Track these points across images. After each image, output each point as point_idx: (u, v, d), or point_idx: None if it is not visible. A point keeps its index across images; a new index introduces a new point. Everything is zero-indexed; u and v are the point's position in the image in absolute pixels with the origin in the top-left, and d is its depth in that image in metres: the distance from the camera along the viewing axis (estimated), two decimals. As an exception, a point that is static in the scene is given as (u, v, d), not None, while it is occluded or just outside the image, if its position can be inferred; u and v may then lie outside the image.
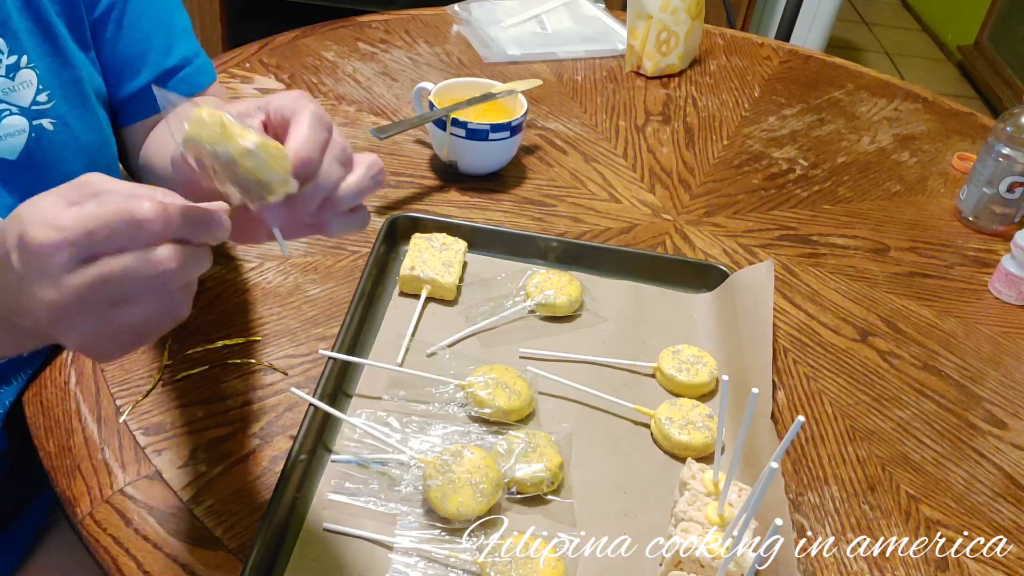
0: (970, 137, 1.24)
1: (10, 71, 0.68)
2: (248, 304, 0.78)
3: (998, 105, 3.16)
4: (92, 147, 0.75)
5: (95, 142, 0.76)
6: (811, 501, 0.68)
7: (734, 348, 0.78)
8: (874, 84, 1.36)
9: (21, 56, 0.68)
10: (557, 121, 1.15)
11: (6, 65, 0.68)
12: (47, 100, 0.70)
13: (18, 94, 0.69)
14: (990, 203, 1.02)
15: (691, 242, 0.95)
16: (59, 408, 0.68)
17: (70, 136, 0.73)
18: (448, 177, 1.00)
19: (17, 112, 0.69)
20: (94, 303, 0.44)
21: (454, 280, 0.80)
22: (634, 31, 1.27)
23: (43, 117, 0.70)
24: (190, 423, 0.67)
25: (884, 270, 0.95)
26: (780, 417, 0.75)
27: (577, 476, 0.67)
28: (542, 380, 0.73)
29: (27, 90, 0.69)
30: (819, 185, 1.09)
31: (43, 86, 0.70)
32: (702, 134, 1.17)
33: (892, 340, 0.86)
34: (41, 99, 0.70)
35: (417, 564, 0.59)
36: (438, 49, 1.28)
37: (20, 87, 0.69)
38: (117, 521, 0.60)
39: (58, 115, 0.71)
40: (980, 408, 0.79)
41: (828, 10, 2.73)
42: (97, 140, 0.76)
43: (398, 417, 0.68)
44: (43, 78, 0.70)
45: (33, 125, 0.70)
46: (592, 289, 0.84)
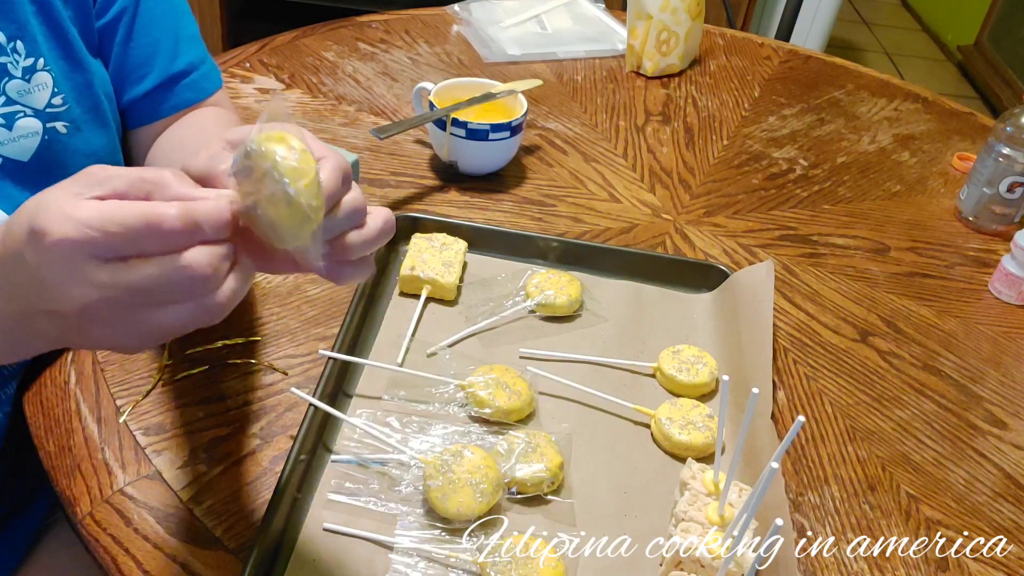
0: (970, 137, 1.24)
1: (26, 73, 0.68)
2: (248, 304, 0.78)
3: (998, 105, 3.16)
4: (103, 151, 0.75)
5: (106, 146, 0.76)
6: (811, 501, 0.68)
7: (734, 348, 0.77)
8: (874, 84, 1.36)
9: (38, 59, 0.69)
10: (557, 121, 1.15)
11: (23, 67, 0.68)
12: (62, 103, 0.71)
13: (33, 96, 0.69)
14: (990, 203, 1.02)
15: (691, 242, 0.95)
16: (59, 408, 0.68)
17: (82, 140, 0.73)
18: (448, 177, 1.00)
19: (31, 114, 0.69)
20: (127, 303, 0.43)
21: (454, 280, 0.80)
22: (634, 31, 1.27)
23: (57, 120, 0.71)
24: (190, 423, 0.67)
25: (884, 270, 0.95)
26: (780, 417, 0.75)
27: (577, 476, 0.67)
28: (542, 380, 0.73)
29: (42, 92, 0.69)
30: (819, 185, 1.09)
31: (58, 89, 0.70)
32: (702, 134, 1.17)
33: (892, 340, 0.86)
34: (56, 102, 0.70)
35: (417, 564, 0.59)
36: (438, 49, 1.28)
37: (36, 89, 0.69)
38: (117, 521, 0.60)
39: (71, 118, 0.72)
40: (980, 408, 0.79)
41: (828, 10, 2.73)
42: (108, 144, 0.76)
43: (398, 417, 0.68)
44: (58, 81, 0.70)
45: (47, 128, 0.70)
46: (592, 289, 0.84)
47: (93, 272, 0.42)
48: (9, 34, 0.67)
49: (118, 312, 0.43)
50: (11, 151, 0.68)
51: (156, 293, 0.43)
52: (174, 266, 0.42)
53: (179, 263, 0.42)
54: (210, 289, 0.44)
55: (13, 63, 0.67)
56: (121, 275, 0.42)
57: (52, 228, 0.42)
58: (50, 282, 0.43)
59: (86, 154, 0.73)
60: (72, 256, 0.42)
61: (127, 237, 0.42)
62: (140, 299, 0.43)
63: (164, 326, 0.44)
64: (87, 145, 0.73)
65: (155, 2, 0.79)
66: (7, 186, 0.69)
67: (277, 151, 0.43)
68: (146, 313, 0.44)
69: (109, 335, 0.45)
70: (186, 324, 0.45)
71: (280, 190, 0.43)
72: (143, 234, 0.42)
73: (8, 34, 0.67)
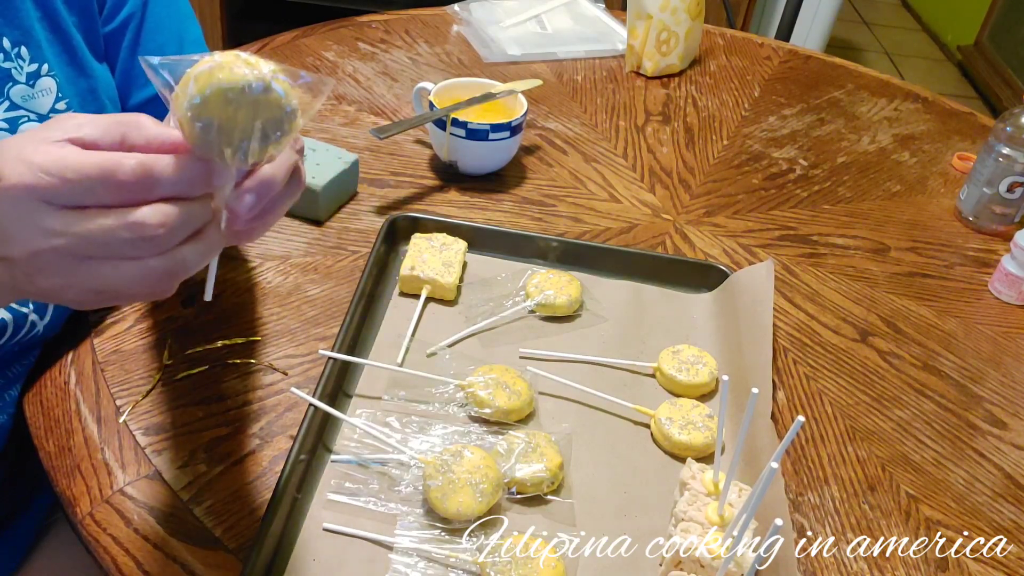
0: (970, 137, 1.24)
1: (31, 79, 0.68)
2: (248, 304, 0.78)
3: (998, 105, 3.16)
4: None
5: None
6: (811, 501, 0.68)
7: (734, 348, 0.77)
8: (874, 84, 1.36)
9: (42, 64, 0.69)
10: (557, 121, 1.15)
11: (27, 73, 0.68)
12: (66, 109, 0.71)
13: (37, 101, 0.69)
14: (990, 203, 1.02)
15: (691, 242, 0.95)
16: (59, 408, 0.68)
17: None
18: (448, 177, 1.00)
19: (35, 119, 0.69)
20: (74, 254, 0.43)
21: (454, 280, 0.80)
22: (634, 31, 1.27)
23: None
24: (190, 423, 0.67)
25: (884, 270, 0.95)
26: (780, 417, 0.75)
27: (577, 476, 0.67)
28: (542, 380, 0.73)
29: (46, 98, 0.69)
30: (819, 185, 1.09)
31: (62, 95, 0.70)
32: (702, 134, 1.17)
33: (892, 340, 0.86)
34: (60, 107, 0.70)
35: (417, 564, 0.59)
36: (438, 49, 1.28)
37: (40, 94, 0.69)
38: (117, 521, 0.60)
39: None
40: (980, 408, 0.79)
41: (828, 10, 2.73)
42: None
43: (398, 417, 0.68)
44: (62, 87, 0.70)
45: None
46: (592, 289, 0.84)
47: (45, 218, 0.42)
48: (14, 40, 0.67)
49: (65, 262, 0.43)
50: None
51: (104, 246, 0.43)
52: (124, 220, 0.42)
53: (129, 217, 0.42)
54: (158, 250, 0.44)
55: (17, 68, 0.67)
56: (72, 224, 0.42)
57: (7, 171, 0.41)
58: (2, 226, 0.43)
59: None
60: (25, 201, 0.42)
61: (82, 185, 0.41)
62: (88, 250, 0.43)
63: (110, 282, 0.44)
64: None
65: (161, 8, 0.79)
66: None
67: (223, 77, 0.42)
68: (93, 267, 0.43)
69: (56, 286, 0.45)
70: (130, 285, 0.44)
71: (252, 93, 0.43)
72: (98, 183, 0.42)
73: (12, 39, 0.67)
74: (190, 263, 0.45)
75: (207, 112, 0.43)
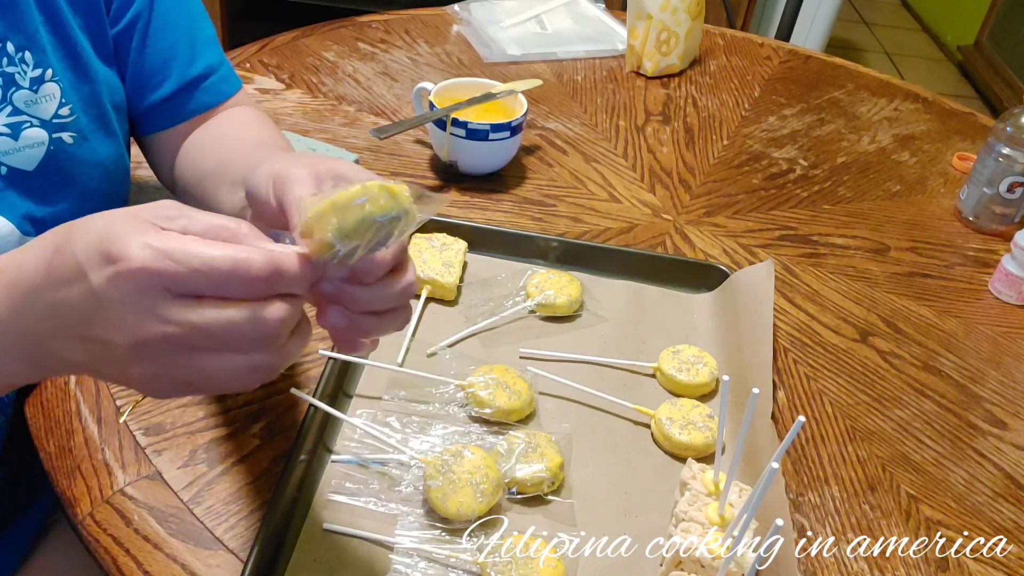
0: (970, 137, 1.24)
1: (34, 84, 0.68)
2: (248, 304, 0.78)
3: (998, 105, 3.16)
4: (108, 160, 0.75)
5: (112, 155, 0.76)
6: (811, 501, 0.68)
7: (734, 348, 0.78)
8: (874, 84, 1.36)
9: (46, 69, 0.69)
10: (557, 121, 1.15)
11: (31, 78, 0.68)
12: (69, 114, 0.70)
13: (40, 107, 0.69)
14: (990, 203, 1.02)
15: (691, 242, 0.95)
16: (59, 409, 0.68)
17: (88, 150, 0.73)
18: (448, 177, 1.00)
19: (38, 124, 0.69)
20: (185, 344, 0.41)
21: (454, 280, 0.80)
22: (634, 31, 1.27)
23: (64, 130, 0.70)
24: (190, 423, 0.67)
25: (884, 270, 0.95)
26: (780, 417, 0.75)
27: (577, 476, 0.67)
28: (542, 380, 0.73)
29: (50, 103, 0.69)
30: (819, 185, 1.09)
31: (65, 100, 0.70)
32: (702, 134, 1.17)
33: (892, 340, 0.86)
34: (63, 112, 0.70)
35: (417, 564, 0.59)
36: (438, 49, 1.28)
37: (43, 100, 0.69)
38: (117, 521, 0.60)
39: (78, 129, 0.71)
40: (980, 408, 0.79)
41: (828, 10, 2.73)
42: (113, 154, 0.76)
43: (398, 417, 0.68)
44: (66, 92, 0.70)
45: (53, 138, 0.70)
46: (592, 289, 0.84)
47: (162, 306, 0.40)
48: (18, 44, 0.67)
49: (171, 351, 0.41)
50: (16, 160, 0.68)
51: (221, 338, 0.41)
52: (253, 315, 0.41)
53: (259, 312, 0.41)
54: (273, 346, 0.42)
55: (21, 73, 0.67)
56: (189, 313, 0.40)
57: (133, 254, 0.39)
58: (111, 309, 0.41)
59: (92, 163, 0.73)
60: (146, 286, 0.40)
61: (209, 276, 0.40)
62: (201, 341, 0.41)
63: (213, 376, 0.42)
64: (93, 155, 0.73)
65: (169, 7, 0.78)
66: (11, 195, 0.69)
67: (376, 210, 0.44)
68: (196, 358, 0.41)
69: (149, 375, 0.42)
70: (232, 378, 0.43)
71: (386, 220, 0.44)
72: (228, 276, 0.40)
73: (17, 44, 0.67)
74: (295, 357, 0.45)
75: (349, 238, 0.43)
